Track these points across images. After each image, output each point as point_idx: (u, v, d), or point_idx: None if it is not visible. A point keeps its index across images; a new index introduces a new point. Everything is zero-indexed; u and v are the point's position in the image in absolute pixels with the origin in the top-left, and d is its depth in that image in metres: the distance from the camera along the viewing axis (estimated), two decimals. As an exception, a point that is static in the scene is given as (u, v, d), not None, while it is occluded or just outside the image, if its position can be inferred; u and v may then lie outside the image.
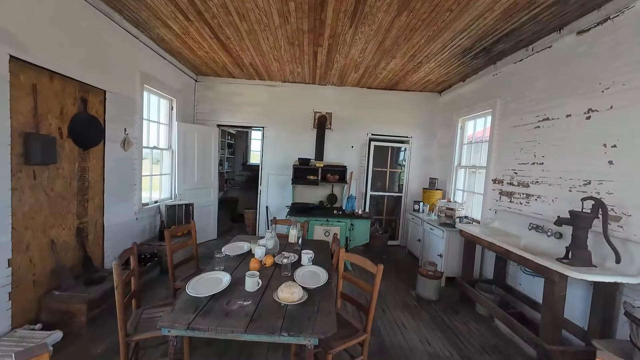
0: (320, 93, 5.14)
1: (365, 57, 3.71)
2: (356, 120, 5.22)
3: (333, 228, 3.98)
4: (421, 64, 3.83)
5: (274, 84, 5.09)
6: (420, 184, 5.31)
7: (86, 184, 2.76)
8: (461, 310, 3.08)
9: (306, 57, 3.86)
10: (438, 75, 4.27)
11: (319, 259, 2.28)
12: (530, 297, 2.88)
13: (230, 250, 2.35)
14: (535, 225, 2.76)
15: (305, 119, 5.17)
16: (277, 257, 2.22)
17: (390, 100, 5.21)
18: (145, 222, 3.77)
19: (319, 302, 1.59)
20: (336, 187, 4.80)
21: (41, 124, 2.26)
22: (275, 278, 1.91)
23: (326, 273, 1.95)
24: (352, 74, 4.46)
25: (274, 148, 5.20)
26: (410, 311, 3.00)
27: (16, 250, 2.14)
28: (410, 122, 5.28)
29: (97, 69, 2.81)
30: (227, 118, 5.15)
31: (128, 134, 3.29)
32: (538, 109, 2.97)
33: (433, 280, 3.23)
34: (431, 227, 4.05)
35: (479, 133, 4.27)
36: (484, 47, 3.22)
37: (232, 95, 5.11)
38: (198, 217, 4.69)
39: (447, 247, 3.70)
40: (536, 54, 3.04)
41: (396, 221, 5.54)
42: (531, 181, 3.01)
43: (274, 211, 5.25)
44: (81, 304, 2.31)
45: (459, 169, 4.60)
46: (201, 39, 3.41)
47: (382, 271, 1.82)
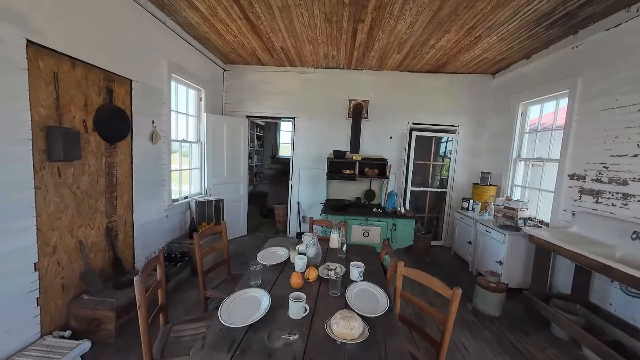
0: (355, 79, 4.69)
1: (413, 33, 3.21)
2: (395, 108, 4.71)
3: (373, 228, 3.60)
4: (480, 39, 3.25)
5: (305, 70, 4.71)
6: (468, 179, 4.73)
7: (114, 180, 2.59)
8: (532, 331, 2.59)
9: (344, 37, 3.43)
10: (496, 53, 3.65)
11: (368, 272, 1.92)
12: (627, 321, 2.32)
13: (265, 259, 2.05)
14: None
15: (340, 107, 4.76)
16: (320, 268, 1.89)
17: (435, 85, 4.63)
18: (175, 220, 3.62)
19: (385, 340, 1.23)
20: (374, 182, 4.38)
21: (64, 116, 2.08)
22: (323, 298, 1.57)
23: (384, 295, 1.58)
24: (393, 56, 3.96)
25: (305, 140, 4.86)
26: (469, 329, 2.57)
27: (42, 253, 1.99)
28: (457, 109, 4.68)
29: (122, 56, 2.60)
30: (256, 108, 4.88)
31: (156, 126, 3.09)
32: (644, 86, 2.34)
33: (495, 294, 2.76)
34: (487, 229, 3.52)
35: (547, 119, 3.62)
36: (568, 12, 2.60)
37: (261, 83, 4.81)
38: (228, 213, 4.51)
39: (508, 253, 3.17)
40: (643, 16, 2.38)
41: (438, 219, 5.02)
42: (632, 178, 2.40)
43: (306, 207, 4.95)
44: (109, 310, 2.15)
45: (518, 162, 3.98)
46: (229, 20, 3.10)
47: (459, 297, 1.42)
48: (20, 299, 1.87)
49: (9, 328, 1.82)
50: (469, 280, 3.54)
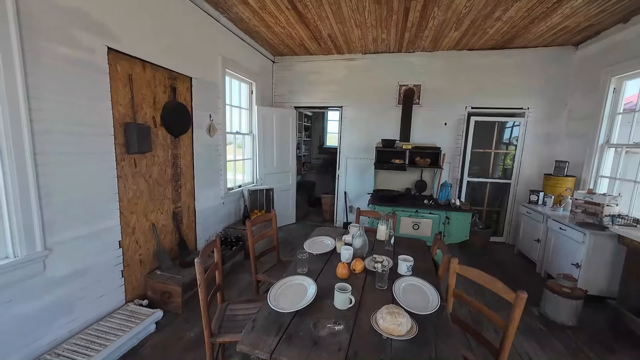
0: (406, 62, 4.41)
1: (475, 6, 2.86)
2: (451, 92, 4.33)
3: (424, 221, 3.41)
4: (560, 4, 2.76)
5: (353, 57, 4.58)
6: (538, 169, 4.16)
7: (178, 170, 2.88)
8: (618, 347, 2.22)
9: (394, 18, 3.22)
10: (582, 18, 3.07)
11: (418, 267, 1.82)
12: None
13: (312, 248, 2.08)
14: None
15: (389, 94, 4.54)
16: (367, 260, 1.85)
17: (499, 63, 4.12)
18: (230, 206, 3.90)
19: (435, 341, 1.15)
20: (425, 172, 4.13)
21: (137, 113, 2.35)
22: (369, 291, 1.54)
23: (435, 292, 1.49)
24: (450, 33, 3.60)
25: (352, 129, 4.78)
26: (536, 338, 2.30)
27: (124, 233, 2.32)
28: (527, 90, 4.10)
29: (182, 55, 2.82)
30: (304, 99, 4.92)
31: (212, 119, 3.33)
32: None
33: (570, 300, 2.41)
34: (561, 227, 3.07)
35: (650, 96, 2.96)
36: (690, -44, 2.04)
37: (308, 74, 4.82)
38: (277, 201, 4.70)
39: (588, 255, 2.74)
40: None
41: (499, 213, 4.55)
42: None
43: (353, 198, 4.91)
44: (177, 285, 2.43)
45: (606, 149, 3.36)
46: (278, 11, 3.13)
47: (524, 302, 1.26)
48: (110, 270, 2.22)
49: (104, 293, 2.18)
50: (535, 282, 3.16)
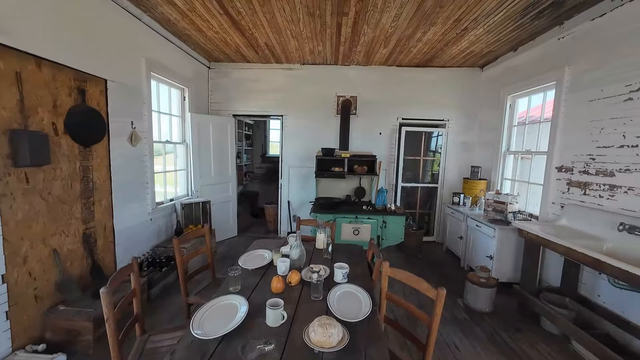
0: (343, 74, 4.62)
1: (399, 26, 3.14)
2: (384, 104, 4.65)
3: (363, 226, 3.54)
4: (466, 31, 3.20)
5: (292, 67, 4.62)
6: (459, 173, 4.70)
7: (90, 185, 2.49)
8: (523, 326, 2.57)
9: (328, 32, 3.34)
10: (484, 45, 3.60)
11: (355, 273, 1.87)
12: (616, 313, 2.31)
13: (248, 262, 1.98)
14: (629, 226, 2.17)
15: (328, 104, 4.68)
16: (304, 271, 1.82)
17: (423, 79, 4.58)
18: (160, 222, 3.52)
19: (366, 347, 1.17)
20: (364, 179, 4.33)
21: (30, 119, 1.97)
22: (304, 303, 1.51)
23: (368, 297, 1.52)
24: (380, 50, 3.89)
25: (294, 138, 4.78)
26: (460, 327, 2.54)
27: (11, 263, 1.89)
28: (447, 103, 4.64)
29: (94, 54, 2.48)
30: (243, 107, 4.77)
31: (135, 127, 2.98)
32: (630, 75, 2.31)
33: (486, 289, 2.73)
34: (477, 224, 3.50)
35: (535, 112, 3.60)
36: (554, 1, 2.55)
37: (247, 81, 4.71)
38: (217, 214, 4.42)
39: (499, 248, 3.15)
40: (627, 4, 2.35)
41: (430, 215, 5.00)
42: (618, 169, 2.38)
43: (296, 206, 4.88)
44: (87, 321, 2.06)
45: (507, 155, 3.96)
46: (209, 15, 2.99)
47: (444, 298, 1.37)
48: (-13, 313, 1.78)
49: (-23, 344, 1.73)
50: (460, 276, 3.51)
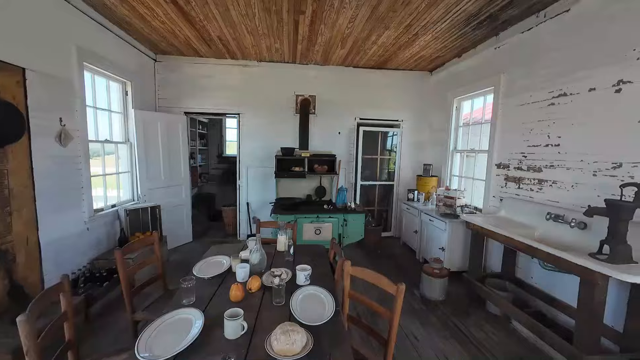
0: (302, 73, 4.58)
1: (355, 28, 3.20)
2: (342, 104, 4.73)
3: (324, 225, 3.56)
4: (417, 37, 3.38)
5: (248, 64, 4.46)
6: (413, 171, 4.97)
7: (6, 192, 2.11)
8: (471, 310, 2.80)
9: (285, 29, 3.28)
10: (433, 51, 3.85)
11: (317, 274, 1.84)
12: (546, 292, 2.63)
13: (204, 270, 1.85)
14: (554, 215, 2.47)
15: (287, 103, 4.61)
16: (265, 276, 1.76)
17: (379, 81, 4.75)
18: (100, 232, 3.14)
19: (330, 350, 1.15)
20: (324, 178, 4.35)
21: None
22: (266, 310, 1.44)
23: (331, 298, 1.51)
24: (337, 51, 3.93)
25: (252, 137, 4.62)
26: (418, 317, 2.68)
27: None
28: (401, 105, 4.87)
29: (6, 39, 2.11)
30: (196, 104, 4.48)
31: (65, 125, 2.61)
32: (552, 84, 2.64)
33: (439, 279, 2.92)
34: (430, 218, 3.73)
35: (477, 113, 3.95)
36: (491, 14, 2.81)
37: (200, 77, 4.42)
38: (169, 220, 4.10)
39: (449, 240, 3.40)
40: (549, 21, 2.68)
41: (388, 211, 5.21)
42: (544, 165, 2.71)
43: (256, 208, 4.73)
44: (6, 353, 1.74)
45: (454, 154, 4.28)
46: (153, 3, 2.73)
47: (403, 292, 1.41)
48: None
49: None
50: (416, 268, 3.71)
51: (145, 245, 2.20)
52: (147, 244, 2.16)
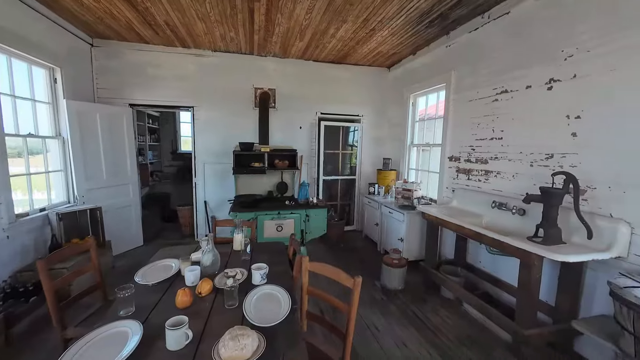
0: (260, 65, 4.41)
1: (313, 19, 3.13)
2: (303, 98, 4.65)
3: (286, 221, 3.48)
4: (374, 32, 3.42)
5: (202, 53, 4.18)
6: (373, 165, 5.08)
7: None
8: (427, 297, 2.93)
9: (240, 17, 3.11)
10: (390, 47, 3.93)
11: (275, 272, 1.77)
12: (492, 274, 2.84)
13: (149, 276, 1.68)
14: (498, 203, 2.67)
15: (245, 96, 4.42)
16: (218, 277, 1.64)
17: (339, 76, 4.75)
18: (25, 240, 2.73)
19: (284, 351, 1.09)
20: (286, 174, 4.25)
21: None
22: (218, 314, 1.34)
23: (287, 295, 1.45)
24: (296, 43, 3.84)
25: (208, 132, 4.36)
26: (379, 307, 2.73)
27: None
28: (361, 100, 4.93)
29: None
30: (143, 96, 4.09)
31: (-29, 115, 2.20)
32: (495, 81, 2.83)
33: (398, 269, 3.01)
34: (390, 211, 3.84)
35: (432, 109, 4.13)
36: (441, 12, 2.93)
37: (147, 66, 4.05)
38: (113, 223, 3.72)
39: (408, 230, 3.53)
40: (492, 22, 2.86)
41: (350, 205, 5.29)
42: (490, 157, 2.92)
43: (214, 207, 4.49)
44: None
45: (411, 148, 4.45)
46: (83, -23, 2.41)
47: (360, 285, 1.40)
48: None
49: None
50: (378, 259, 3.80)
51: (80, 252, 1.95)
52: (81, 250, 1.91)
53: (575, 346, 2.12)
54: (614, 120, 1.92)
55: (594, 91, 2.03)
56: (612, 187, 1.94)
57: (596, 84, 2.02)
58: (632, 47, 1.82)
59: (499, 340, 2.26)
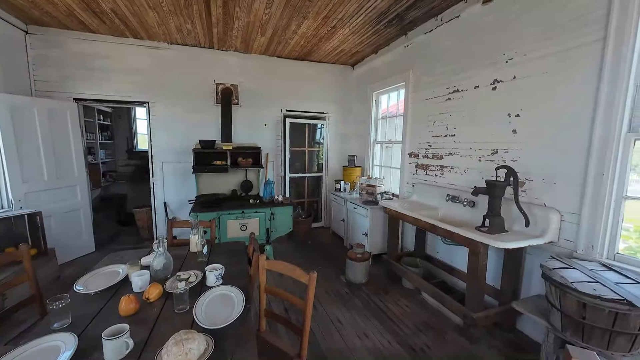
0: (222, 60, 4.26)
1: (273, 15, 3.08)
2: (268, 95, 4.58)
3: (251, 221, 3.42)
4: (335, 29, 3.44)
5: (157, 46, 3.93)
6: (339, 162, 5.15)
7: None
8: (390, 288, 3.05)
9: (196, 8, 2.97)
10: (352, 45, 3.99)
11: (232, 272, 1.73)
12: (448, 263, 3.02)
13: (92, 284, 1.55)
14: (452, 196, 2.84)
15: (206, 92, 4.25)
16: (169, 281, 1.57)
17: (304, 72, 4.74)
18: (-54, 252, 2.40)
19: (233, 353, 1.07)
20: (250, 172, 4.17)
21: None
22: (166, 319, 1.28)
23: (242, 295, 1.43)
24: (258, 38, 3.76)
25: (166, 129, 4.13)
26: (343, 301, 2.79)
27: None
28: (326, 97, 4.96)
29: None
30: (91, 90, 3.77)
31: None
32: (448, 81, 2.99)
33: (362, 263, 3.09)
34: (355, 207, 3.92)
35: (393, 107, 4.27)
36: (398, 13, 3.02)
37: (94, 57, 3.73)
38: (59, 228, 3.42)
39: (371, 225, 3.62)
40: (445, 24, 3.01)
41: (318, 202, 5.32)
42: (444, 153, 3.08)
43: (175, 208, 4.28)
44: None
45: (375, 145, 4.57)
46: (9, -45, 2.15)
47: (315, 281, 1.42)
48: None
49: None
50: (344, 254, 3.87)
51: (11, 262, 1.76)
52: (11, 260, 1.72)
53: (517, 324, 2.33)
54: (547, 119, 2.12)
55: (530, 92, 2.23)
56: (545, 179, 2.14)
57: (533, 85, 2.21)
58: (562, 53, 2.02)
59: (452, 324, 2.41)
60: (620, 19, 1.70)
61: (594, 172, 1.85)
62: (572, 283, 1.54)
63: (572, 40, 1.96)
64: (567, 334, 1.60)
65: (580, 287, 1.51)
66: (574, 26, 1.95)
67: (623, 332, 1.42)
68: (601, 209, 1.82)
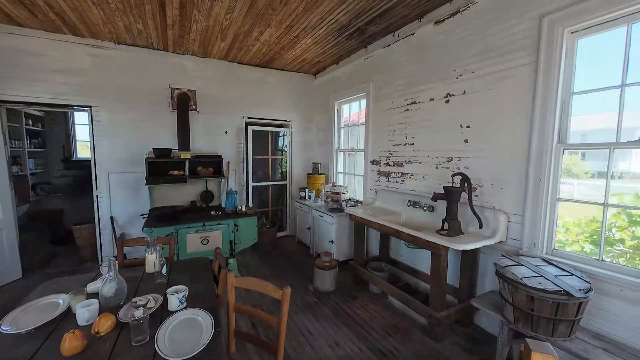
0: (178, 64, 4.02)
1: (234, 20, 3.00)
2: (228, 101, 4.42)
3: (213, 233, 3.22)
4: (298, 39, 3.47)
5: (101, 45, 3.58)
6: (303, 170, 5.14)
7: None
8: (357, 294, 3.09)
9: (148, 8, 2.77)
10: (314, 55, 4.05)
11: (197, 293, 1.61)
12: (411, 266, 3.16)
13: (23, 321, 1.32)
14: (413, 202, 2.99)
15: (160, 97, 3.95)
16: (123, 309, 1.40)
17: (266, 80, 4.68)
18: None
19: (204, 384, 0.98)
20: (211, 182, 3.95)
21: None
22: (121, 354, 1.13)
23: (210, 318, 1.33)
24: (218, 43, 3.62)
25: (113, 136, 3.74)
26: (312, 311, 2.75)
27: None
28: (289, 105, 4.95)
29: None
30: (16, 91, 3.27)
31: None
32: (406, 93, 3.18)
33: (330, 271, 3.09)
34: (320, 214, 3.93)
35: (355, 116, 4.40)
36: (359, 27, 3.15)
37: (25, 54, 3.26)
38: (-28, 254, 2.86)
39: (337, 232, 3.66)
40: (402, 40, 3.21)
41: (282, 211, 5.24)
42: (404, 161, 3.25)
43: (124, 223, 3.87)
44: None
45: (338, 152, 4.66)
46: None
47: (289, 296, 1.38)
48: None
49: None
50: (311, 263, 3.84)
51: None
52: None
53: (475, 319, 2.52)
54: (493, 130, 2.36)
55: (478, 106, 2.46)
56: (493, 184, 2.37)
57: (480, 99, 2.44)
58: (502, 72, 2.27)
59: (418, 324, 2.52)
60: (548, 45, 1.97)
61: (532, 178, 2.09)
62: (521, 279, 1.71)
63: (509, 62, 2.22)
64: (519, 325, 1.76)
65: (528, 282, 1.68)
66: (510, 49, 2.21)
67: (563, 319, 1.61)
68: (540, 210, 2.06)
